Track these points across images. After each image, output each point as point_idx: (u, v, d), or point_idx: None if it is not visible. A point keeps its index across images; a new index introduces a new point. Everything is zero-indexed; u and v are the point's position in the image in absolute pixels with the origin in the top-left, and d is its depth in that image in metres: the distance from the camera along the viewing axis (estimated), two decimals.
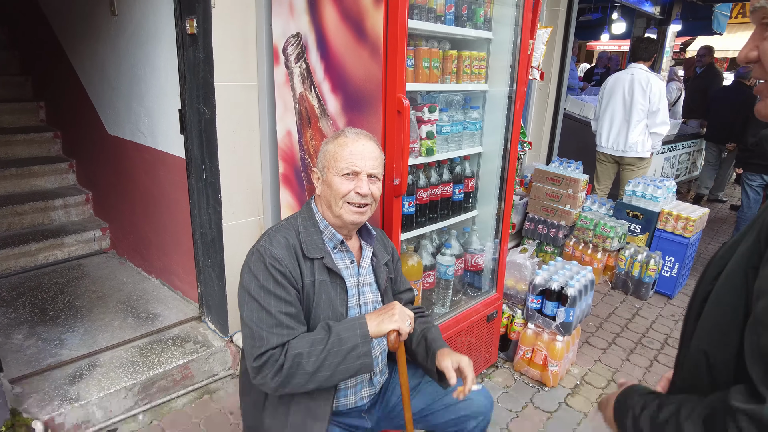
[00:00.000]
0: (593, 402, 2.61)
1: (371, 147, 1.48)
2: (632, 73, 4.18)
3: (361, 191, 1.43)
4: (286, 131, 2.24)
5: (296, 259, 1.40)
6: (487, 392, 1.64)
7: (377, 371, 1.57)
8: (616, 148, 4.32)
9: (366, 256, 1.56)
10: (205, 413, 2.36)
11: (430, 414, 1.58)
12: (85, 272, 3.38)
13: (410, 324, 1.38)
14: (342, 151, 1.44)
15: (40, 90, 4.35)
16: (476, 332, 2.55)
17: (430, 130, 2.07)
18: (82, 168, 3.97)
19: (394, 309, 1.37)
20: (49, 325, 2.72)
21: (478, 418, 1.57)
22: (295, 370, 1.29)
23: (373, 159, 1.46)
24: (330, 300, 1.43)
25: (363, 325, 1.35)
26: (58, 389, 2.21)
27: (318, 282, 1.41)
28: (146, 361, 2.45)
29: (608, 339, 3.25)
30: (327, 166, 1.46)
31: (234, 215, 2.46)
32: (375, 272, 1.58)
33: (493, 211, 2.54)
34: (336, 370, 1.31)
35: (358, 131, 1.50)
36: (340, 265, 1.48)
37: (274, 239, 1.40)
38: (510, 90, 2.36)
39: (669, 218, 3.81)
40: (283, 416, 1.41)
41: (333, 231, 1.49)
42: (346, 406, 1.53)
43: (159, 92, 2.74)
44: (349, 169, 1.43)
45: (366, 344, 1.33)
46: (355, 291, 1.51)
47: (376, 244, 1.60)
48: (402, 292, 1.71)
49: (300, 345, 1.31)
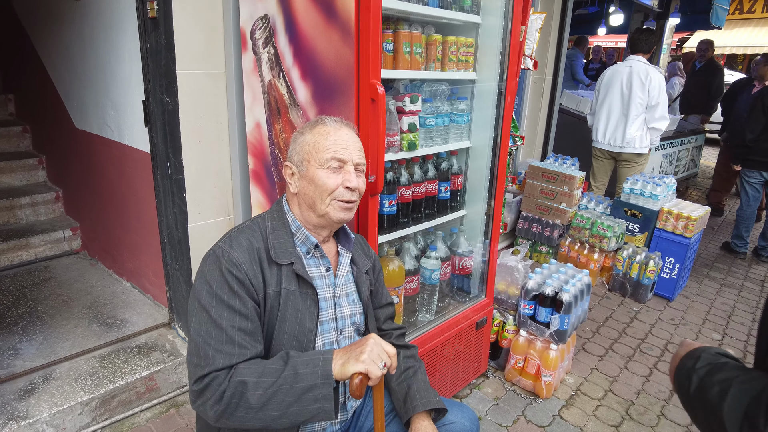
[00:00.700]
0: (589, 415, 2.44)
1: (354, 137, 1.35)
2: (631, 66, 4.00)
3: (350, 184, 1.28)
4: (255, 123, 2.05)
5: (259, 265, 1.21)
6: (473, 415, 1.47)
7: (349, 396, 1.39)
8: (614, 144, 4.14)
9: (343, 262, 1.38)
10: (170, 429, 2.18)
11: None
12: (51, 275, 3.18)
13: (385, 366, 1.14)
14: (324, 141, 1.29)
15: (9, 82, 4.14)
16: (465, 340, 2.37)
17: (412, 122, 1.88)
18: (53, 164, 3.77)
19: (364, 346, 1.14)
20: (4, 333, 2.52)
21: None
22: (238, 401, 1.10)
23: (358, 149, 1.33)
24: (297, 313, 1.24)
25: (327, 362, 1.13)
26: (5, 406, 2.02)
27: (285, 292, 1.23)
28: (107, 372, 2.26)
29: (605, 345, 3.08)
30: (306, 158, 1.29)
31: (201, 215, 2.27)
32: (356, 282, 1.41)
33: (482, 211, 2.36)
34: (287, 411, 1.11)
35: (338, 119, 1.36)
36: (313, 272, 1.31)
37: (235, 241, 1.22)
38: (500, 80, 2.18)
39: (669, 217, 3.64)
40: None
41: (306, 233, 1.32)
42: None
43: (124, 82, 2.55)
44: (335, 160, 1.28)
45: (327, 386, 1.11)
46: (329, 303, 1.33)
47: (355, 249, 1.43)
48: (382, 307, 1.53)
49: (247, 372, 1.12)
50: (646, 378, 2.78)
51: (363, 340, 1.18)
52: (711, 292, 3.95)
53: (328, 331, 1.32)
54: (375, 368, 1.12)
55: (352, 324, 1.39)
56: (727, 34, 12.60)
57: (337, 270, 1.37)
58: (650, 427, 2.40)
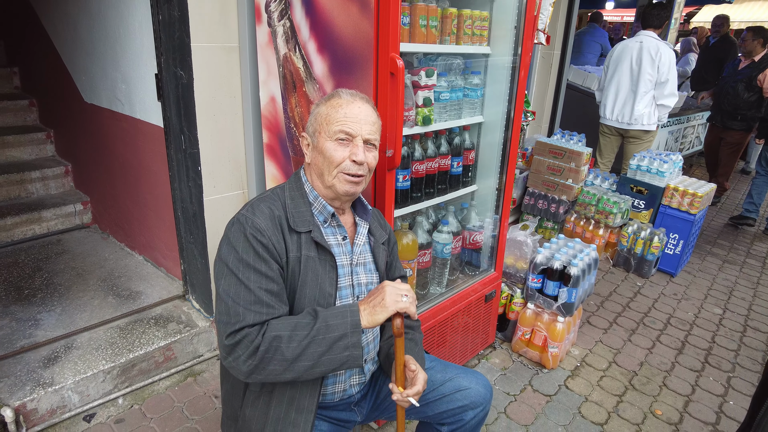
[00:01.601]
0: (594, 385, 2.52)
1: (368, 110, 1.34)
2: (641, 41, 3.95)
3: (356, 158, 1.29)
4: (269, 97, 2.05)
5: (281, 232, 1.26)
6: (486, 381, 1.52)
7: (368, 359, 1.44)
8: (621, 120, 4.14)
9: (361, 232, 1.42)
10: (188, 397, 2.25)
11: (424, 404, 1.46)
12: (65, 248, 3.22)
13: (408, 297, 1.24)
14: (335, 113, 1.30)
15: (14, 54, 4.10)
16: (474, 312, 2.43)
17: (427, 97, 1.89)
18: (61, 138, 3.77)
19: (383, 293, 1.23)
20: (24, 304, 2.58)
21: (477, 408, 1.46)
22: (272, 355, 1.15)
23: (370, 124, 1.33)
24: (317, 278, 1.29)
25: (355, 313, 1.21)
26: (31, 373, 2.08)
27: (304, 258, 1.28)
28: (126, 342, 2.32)
29: (609, 319, 3.14)
30: (318, 129, 1.33)
31: (216, 189, 2.29)
32: (373, 252, 1.45)
33: (493, 186, 2.39)
34: (319, 361, 1.17)
35: (354, 92, 1.35)
36: (330, 240, 1.35)
37: (257, 209, 1.26)
38: (514, 54, 2.17)
39: (675, 194, 3.66)
40: (264, 406, 1.28)
41: (323, 203, 1.35)
42: (334, 396, 1.40)
43: (135, 55, 2.53)
44: (343, 133, 1.29)
45: (356, 334, 1.19)
46: (347, 270, 1.37)
47: (372, 221, 1.46)
48: (394, 279, 1.56)
49: (281, 327, 1.17)
50: (649, 350, 2.85)
51: (378, 289, 1.26)
52: (713, 268, 4.00)
53: (345, 296, 1.37)
54: (402, 305, 1.21)
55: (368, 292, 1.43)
56: (736, 8, 12.37)
57: (354, 239, 1.41)
58: (652, 396, 2.48)
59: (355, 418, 1.46)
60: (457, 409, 1.45)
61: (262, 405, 1.28)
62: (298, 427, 1.26)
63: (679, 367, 2.72)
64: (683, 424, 2.31)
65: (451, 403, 1.45)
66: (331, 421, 1.41)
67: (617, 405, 2.40)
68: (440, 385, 1.47)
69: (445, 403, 1.45)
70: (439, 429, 1.49)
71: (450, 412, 1.45)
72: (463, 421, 1.46)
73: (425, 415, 1.50)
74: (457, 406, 1.45)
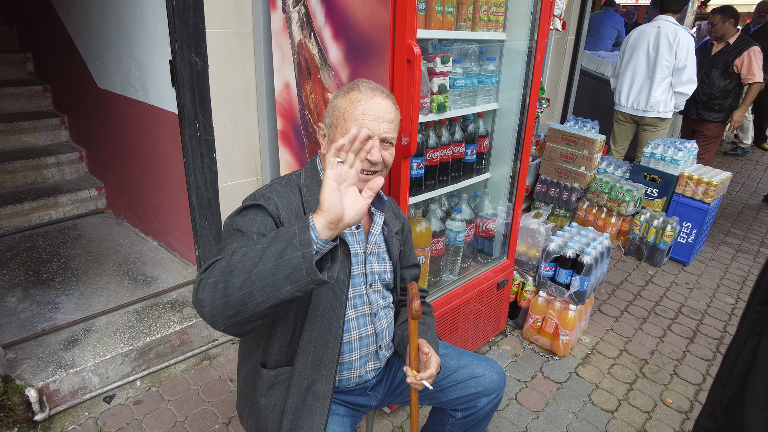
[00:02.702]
0: (604, 372, 2.53)
1: (387, 106, 1.29)
2: (659, 26, 3.88)
3: (372, 158, 1.25)
4: (284, 84, 2.05)
5: (295, 217, 1.25)
6: (499, 369, 1.54)
7: (383, 344, 1.46)
8: (637, 107, 4.08)
9: (377, 222, 1.41)
10: (204, 380, 2.29)
11: (438, 390, 1.48)
12: (80, 233, 3.27)
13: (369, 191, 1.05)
14: (354, 110, 1.26)
15: (27, 40, 4.12)
16: (485, 300, 2.44)
17: (442, 84, 1.88)
18: (75, 124, 3.79)
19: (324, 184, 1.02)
20: (43, 288, 2.63)
21: (490, 395, 1.48)
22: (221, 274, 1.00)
23: (389, 121, 1.29)
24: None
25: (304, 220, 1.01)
26: (52, 355, 2.14)
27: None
28: (143, 326, 2.36)
29: (620, 307, 3.14)
30: (335, 123, 1.29)
31: (230, 175, 2.31)
32: (387, 242, 1.45)
33: (507, 173, 2.38)
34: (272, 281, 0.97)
35: (374, 86, 1.31)
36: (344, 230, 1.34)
37: (275, 190, 1.26)
38: (530, 40, 2.14)
39: (689, 182, 3.62)
40: (281, 395, 1.30)
41: None
42: (350, 382, 1.42)
43: (149, 41, 2.53)
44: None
45: (305, 231, 0.98)
46: (360, 259, 1.37)
47: (387, 212, 1.46)
48: (407, 267, 1.57)
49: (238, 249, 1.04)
50: (660, 339, 2.85)
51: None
52: (726, 257, 3.97)
53: (358, 284, 1.37)
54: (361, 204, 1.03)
55: (381, 281, 1.44)
56: None
57: (370, 230, 1.40)
58: (663, 384, 2.49)
59: (370, 402, 1.48)
60: (471, 395, 1.47)
61: (277, 394, 1.30)
62: (314, 413, 1.28)
63: (691, 356, 2.72)
64: (693, 412, 2.32)
65: (464, 389, 1.47)
66: (347, 405, 1.44)
67: (628, 393, 2.41)
68: (454, 371, 1.48)
69: (458, 390, 1.47)
70: (452, 414, 1.52)
71: (463, 399, 1.48)
72: (476, 408, 1.48)
73: (439, 401, 1.52)
74: (471, 392, 1.47)
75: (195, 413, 2.10)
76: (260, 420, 1.33)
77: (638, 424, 2.23)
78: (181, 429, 2.02)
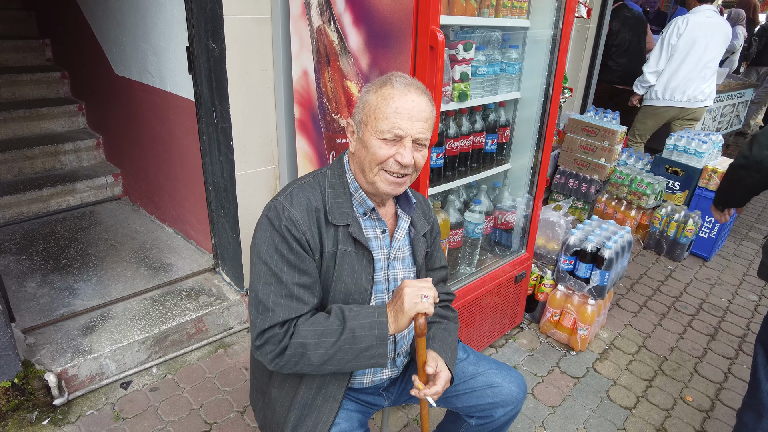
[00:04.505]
0: (622, 368, 2.49)
1: (423, 104, 1.19)
2: (710, 17, 3.80)
3: (403, 160, 1.18)
4: (302, 71, 2.02)
5: (317, 225, 1.21)
6: (520, 379, 1.47)
7: (401, 352, 1.40)
8: (694, 100, 3.96)
9: (402, 227, 1.34)
10: (219, 368, 2.30)
11: (453, 396, 1.44)
12: (97, 219, 3.29)
13: (428, 298, 1.17)
14: (386, 108, 1.17)
15: (45, 26, 4.13)
16: (503, 293, 2.40)
17: (464, 72, 1.83)
18: (92, 111, 3.81)
19: (402, 296, 1.17)
20: (62, 274, 2.65)
21: (507, 407, 1.42)
22: (299, 360, 1.16)
23: (423, 121, 1.19)
24: (353, 273, 1.25)
25: (383, 325, 1.17)
26: (71, 341, 2.16)
27: (341, 252, 1.23)
28: (159, 313, 2.37)
29: (639, 302, 3.08)
30: (365, 121, 1.21)
31: (247, 164, 2.29)
32: (412, 245, 1.38)
33: (527, 164, 2.33)
34: (345, 366, 1.19)
35: (410, 81, 1.20)
36: (369, 234, 1.29)
37: (296, 198, 1.21)
38: (555, 27, 2.08)
39: (713, 176, 3.53)
40: (291, 390, 1.28)
41: (364, 196, 1.27)
42: (364, 384, 1.39)
43: (165, 27, 2.51)
44: (391, 133, 1.16)
45: (383, 346, 1.18)
46: (383, 265, 1.31)
47: (415, 212, 1.38)
48: (434, 270, 1.50)
49: (307, 334, 1.16)
50: (680, 335, 2.79)
51: (399, 290, 1.20)
52: (749, 252, 3.88)
53: (381, 291, 1.32)
54: (421, 306, 1.16)
55: None
56: None
57: (394, 233, 1.34)
58: (683, 382, 2.44)
59: (382, 402, 1.45)
60: (487, 405, 1.42)
61: (288, 388, 1.29)
62: (322, 413, 1.25)
63: (712, 353, 2.66)
64: (715, 411, 2.27)
65: (480, 398, 1.42)
66: (359, 402, 1.41)
67: (646, 390, 2.37)
68: (471, 378, 1.44)
69: (474, 398, 1.42)
70: (467, 420, 1.48)
71: (479, 407, 1.43)
72: (491, 418, 1.43)
73: (453, 406, 1.48)
74: (487, 402, 1.42)
75: (210, 401, 2.11)
76: (268, 412, 1.32)
77: (657, 422, 2.19)
78: (197, 417, 2.03)
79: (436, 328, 1.41)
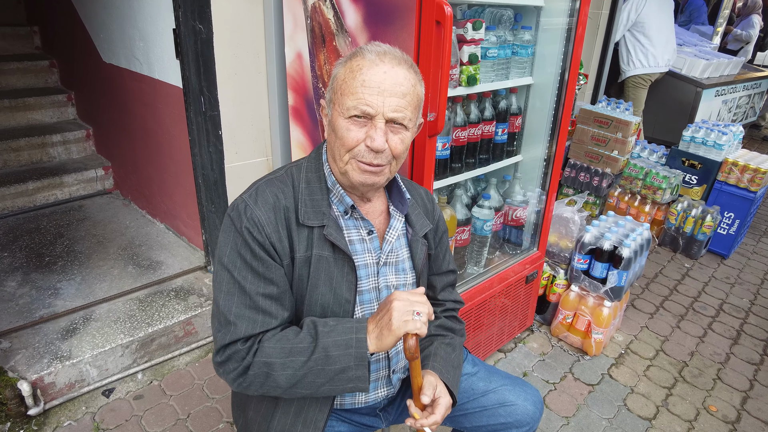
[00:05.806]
0: (640, 375, 2.33)
1: (399, 76, 0.98)
2: None
3: (373, 144, 0.99)
4: (296, 54, 1.85)
5: (286, 227, 1.03)
6: (536, 396, 1.30)
7: (398, 368, 1.22)
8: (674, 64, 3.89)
9: (395, 226, 1.15)
10: (209, 374, 2.15)
11: (461, 415, 1.28)
12: (86, 214, 3.14)
13: (422, 315, 0.98)
14: (352, 81, 0.98)
15: (34, 12, 3.97)
16: (513, 294, 2.24)
17: (473, 53, 1.66)
18: (81, 100, 3.65)
19: (390, 310, 0.98)
20: (44, 272, 2.50)
21: (522, 428, 1.25)
22: (264, 381, 1.00)
23: (399, 96, 0.98)
24: (332, 282, 1.07)
25: (361, 343, 0.99)
26: (48, 345, 2.01)
27: (316, 258, 1.05)
28: (145, 315, 2.22)
29: (656, 302, 2.92)
30: (333, 100, 1.04)
31: (238, 155, 2.13)
32: (410, 246, 1.19)
33: (540, 156, 2.16)
34: (319, 390, 1.02)
35: (385, 49, 1.01)
36: (352, 236, 1.10)
37: (261, 196, 1.04)
38: (572, 5, 1.90)
39: (734, 169, 3.35)
40: (268, 413, 1.12)
41: (342, 192, 1.09)
42: (355, 405, 1.21)
43: (152, 9, 2.35)
44: (357, 109, 0.98)
45: (361, 367, 0.99)
46: (371, 270, 1.13)
47: (413, 207, 1.19)
48: (440, 274, 1.31)
49: (273, 351, 0.99)
50: (700, 339, 2.63)
51: (386, 303, 1.01)
52: None
53: (368, 301, 1.13)
54: (413, 325, 0.97)
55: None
56: None
57: (385, 234, 1.15)
58: (705, 390, 2.28)
59: (379, 424, 1.28)
60: (499, 425, 1.25)
61: (265, 410, 1.12)
62: None
63: (735, 358, 2.50)
64: (741, 423, 2.11)
65: (492, 418, 1.26)
66: (353, 424, 1.23)
67: (666, 398, 2.21)
68: (481, 395, 1.27)
69: (485, 417, 1.26)
70: None
71: (490, 428, 1.26)
72: None
73: (461, 426, 1.32)
74: (499, 422, 1.25)
75: (198, 410, 1.96)
76: None
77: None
78: (183, 427, 1.88)
79: (438, 343, 1.23)
